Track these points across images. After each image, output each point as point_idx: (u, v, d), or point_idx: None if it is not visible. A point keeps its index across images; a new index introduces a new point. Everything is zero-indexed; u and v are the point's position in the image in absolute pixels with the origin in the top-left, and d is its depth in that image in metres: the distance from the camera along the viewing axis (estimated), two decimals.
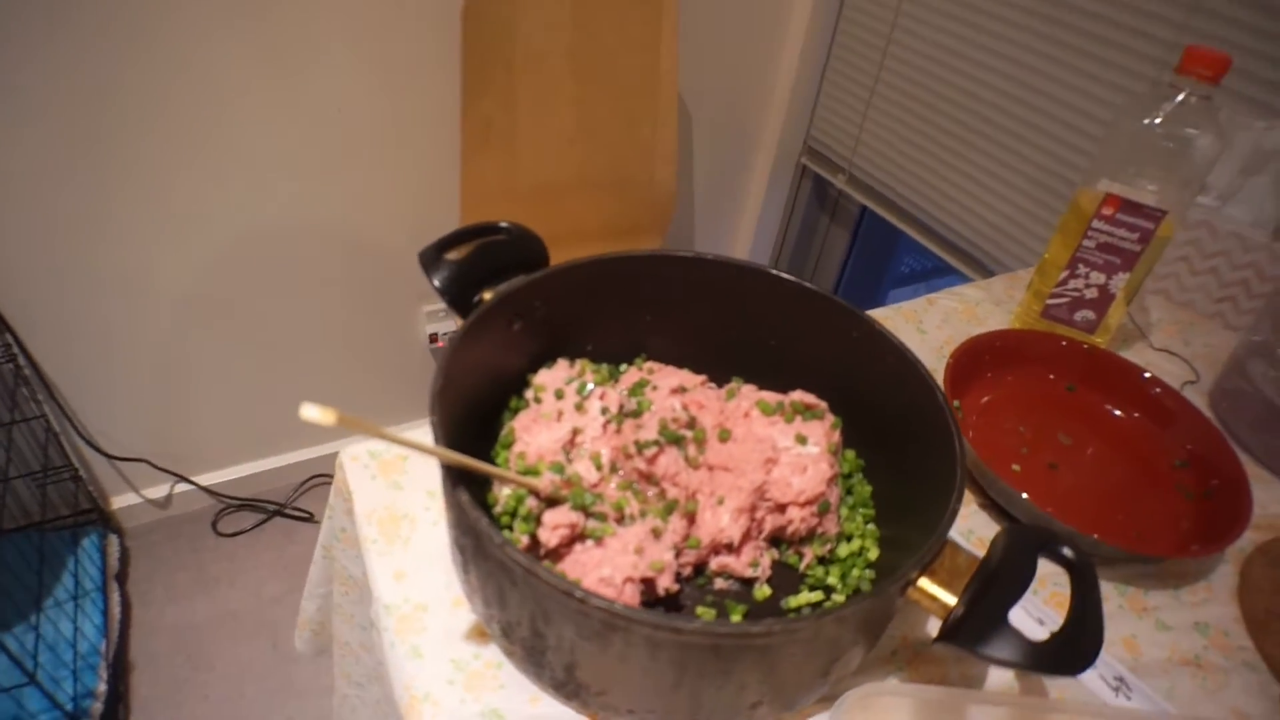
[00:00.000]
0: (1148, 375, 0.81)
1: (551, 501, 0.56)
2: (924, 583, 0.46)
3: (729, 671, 0.43)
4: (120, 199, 1.30)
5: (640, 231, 1.55)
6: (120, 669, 1.46)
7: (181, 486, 1.73)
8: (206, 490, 1.74)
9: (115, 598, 1.54)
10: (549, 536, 0.53)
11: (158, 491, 1.72)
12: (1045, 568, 0.68)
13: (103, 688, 1.37)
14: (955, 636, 0.43)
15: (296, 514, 1.80)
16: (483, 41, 1.28)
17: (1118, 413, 0.82)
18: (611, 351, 0.71)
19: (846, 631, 0.45)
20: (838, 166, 1.73)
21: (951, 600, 0.45)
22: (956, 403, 0.76)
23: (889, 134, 1.58)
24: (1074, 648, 0.43)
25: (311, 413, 0.36)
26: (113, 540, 1.64)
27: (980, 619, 0.43)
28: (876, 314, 0.95)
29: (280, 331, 1.60)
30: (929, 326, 0.94)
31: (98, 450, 1.57)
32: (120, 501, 1.69)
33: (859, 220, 1.87)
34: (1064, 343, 0.84)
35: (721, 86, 1.71)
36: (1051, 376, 0.84)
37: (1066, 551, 0.47)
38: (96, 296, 1.39)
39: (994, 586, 0.45)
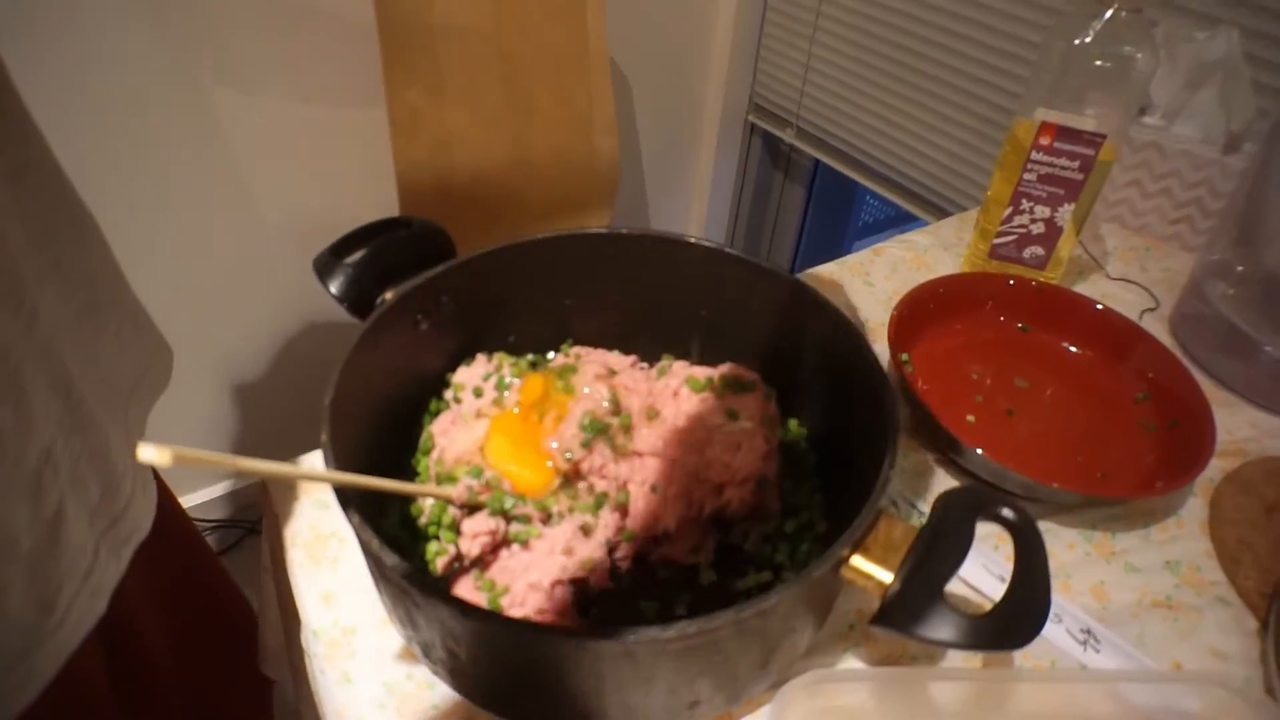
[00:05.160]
0: (1100, 307, 0.78)
1: (472, 508, 0.52)
2: (857, 561, 0.43)
3: (651, 678, 0.40)
4: None
5: (586, 207, 1.50)
6: None
7: None
8: None
9: None
10: (469, 546, 0.50)
11: None
12: None
13: None
14: (889, 618, 0.40)
15: None
16: (399, 27, 1.23)
17: (1074, 349, 0.79)
18: (536, 340, 0.67)
19: (776, 622, 0.42)
20: (785, 121, 1.69)
21: (887, 578, 0.42)
22: (904, 356, 0.73)
23: (833, 83, 1.54)
24: (1016, 618, 0.40)
25: (148, 454, 0.32)
26: None
27: (915, 597, 0.40)
28: (821, 270, 0.92)
29: (231, 348, 1.55)
30: (876, 279, 0.91)
31: None
32: None
33: (813, 175, 1.83)
34: (1011, 281, 0.81)
35: (657, 48, 1.66)
36: (1002, 318, 0.81)
37: (1006, 512, 0.44)
38: None
39: (931, 558, 0.42)
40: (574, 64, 1.36)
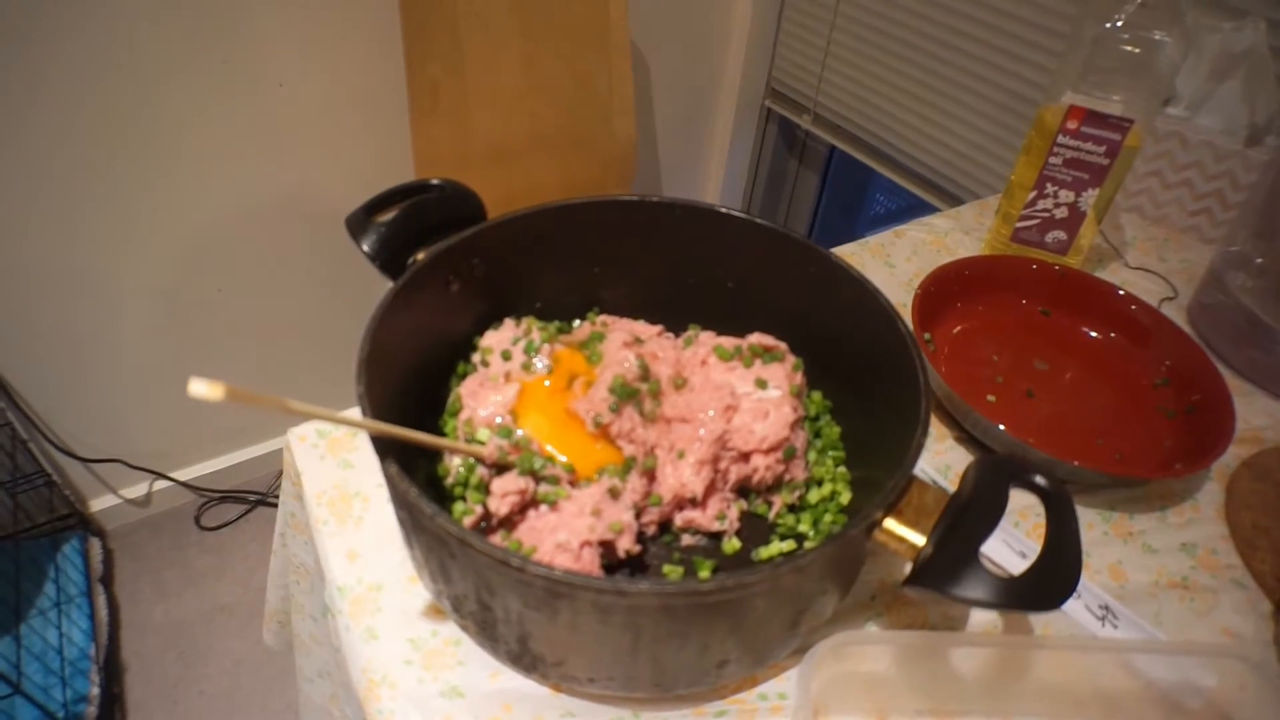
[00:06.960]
0: (1122, 293, 0.78)
1: (501, 468, 0.53)
2: (890, 524, 0.43)
3: (686, 633, 0.41)
4: (71, 197, 1.25)
5: (603, 188, 1.50)
6: (112, 671, 1.44)
7: (160, 484, 1.69)
8: (186, 485, 1.71)
9: (101, 601, 1.51)
10: (498, 505, 0.51)
11: (136, 490, 1.68)
12: (1027, 499, 0.67)
13: (95, 691, 1.35)
14: (924, 578, 0.41)
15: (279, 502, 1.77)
16: (421, 4, 1.23)
17: (1094, 334, 0.80)
18: (563, 307, 0.68)
19: (809, 581, 0.43)
20: (802, 107, 1.68)
21: (920, 540, 0.43)
22: (927, 335, 0.73)
23: (852, 69, 1.53)
24: (1049, 581, 0.40)
25: (199, 388, 0.33)
26: (94, 543, 1.60)
27: (949, 558, 0.41)
28: (842, 250, 0.92)
29: (247, 319, 1.55)
30: (897, 260, 0.91)
31: (69, 454, 1.53)
32: (99, 504, 1.66)
33: (828, 162, 1.83)
34: (1034, 265, 0.81)
35: (676, 31, 1.65)
36: (1024, 302, 0.81)
37: (1039, 480, 0.45)
38: (54, 297, 1.34)
39: (964, 523, 0.42)
40: (594, 45, 1.36)
